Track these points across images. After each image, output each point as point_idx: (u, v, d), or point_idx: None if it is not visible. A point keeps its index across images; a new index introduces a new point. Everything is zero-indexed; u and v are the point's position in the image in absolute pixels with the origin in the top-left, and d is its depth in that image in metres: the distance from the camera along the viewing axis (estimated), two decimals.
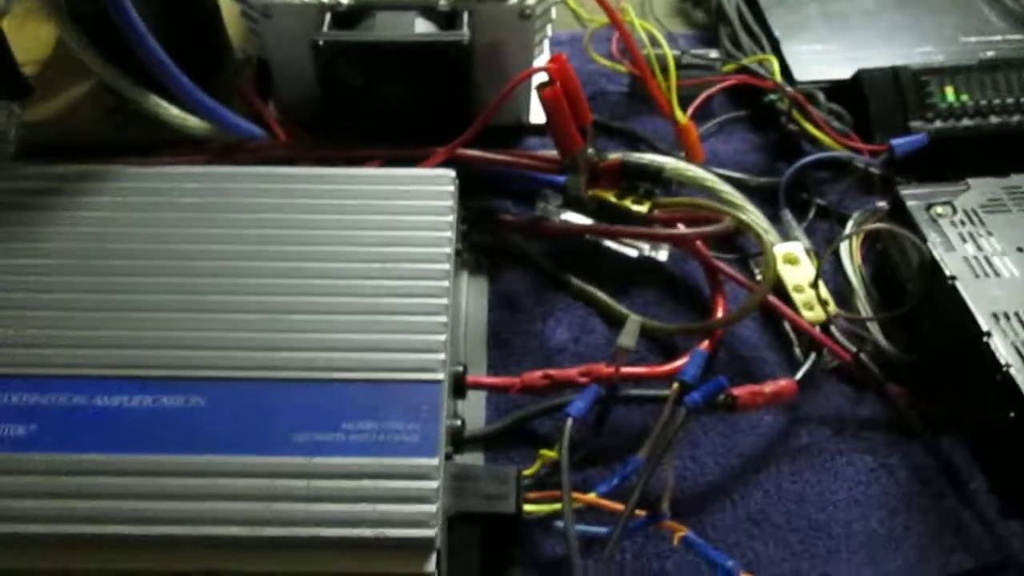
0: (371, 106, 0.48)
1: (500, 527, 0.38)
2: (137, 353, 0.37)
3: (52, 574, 0.33)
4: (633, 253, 0.48)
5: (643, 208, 0.46)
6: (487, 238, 0.48)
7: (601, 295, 0.47)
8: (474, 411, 0.44)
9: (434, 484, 0.34)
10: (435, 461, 0.34)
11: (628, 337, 0.39)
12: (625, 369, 0.41)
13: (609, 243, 0.49)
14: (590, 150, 0.45)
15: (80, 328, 0.37)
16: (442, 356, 0.37)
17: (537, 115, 0.53)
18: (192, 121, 0.47)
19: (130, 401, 0.36)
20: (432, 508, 0.34)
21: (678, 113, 0.48)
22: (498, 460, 0.42)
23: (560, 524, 0.38)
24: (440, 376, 0.37)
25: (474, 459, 0.42)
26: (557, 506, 0.38)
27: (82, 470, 0.34)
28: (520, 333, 0.45)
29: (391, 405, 0.36)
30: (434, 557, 0.33)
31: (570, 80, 0.43)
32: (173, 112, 0.47)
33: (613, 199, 0.46)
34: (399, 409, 0.36)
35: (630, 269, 0.48)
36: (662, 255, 0.48)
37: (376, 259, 0.40)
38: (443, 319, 0.38)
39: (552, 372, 0.42)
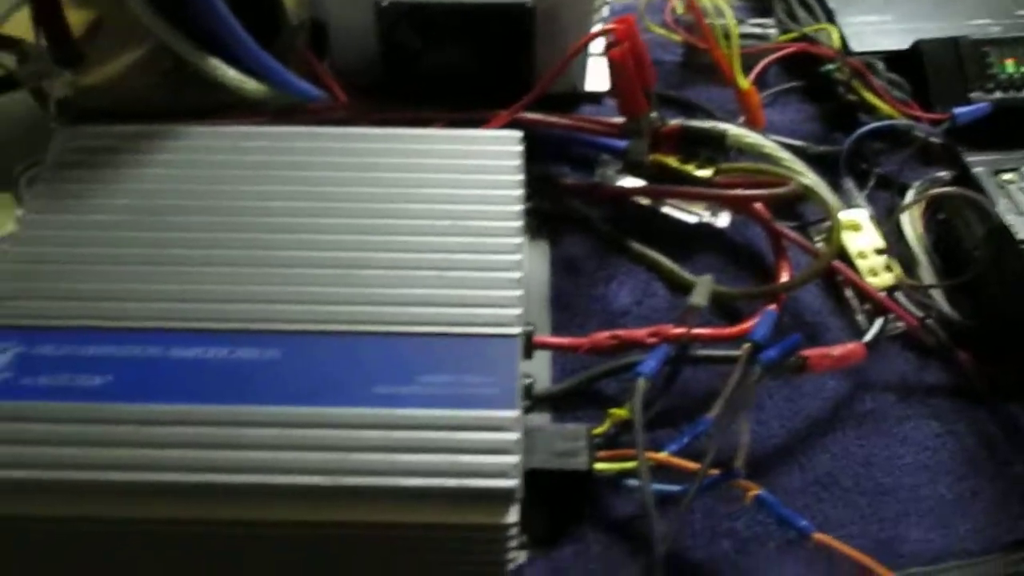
0: (430, 69, 0.48)
1: (571, 484, 0.38)
2: (212, 307, 0.36)
3: (128, 523, 0.33)
4: (692, 219, 0.48)
5: (707, 173, 0.45)
6: (546, 203, 0.48)
7: (663, 259, 0.46)
8: (539, 372, 0.44)
9: (514, 436, 0.34)
10: (514, 413, 0.34)
11: (700, 296, 0.39)
12: (694, 330, 0.41)
13: (668, 209, 0.48)
14: (653, 114, 0.45)
15: (154, 282, 0.37)
16: (518, 311, 0.37)
17: (592, 83, 0.53)
18: (250, 84, 0.47)
19: (205, 353, 0.35)
20: (513, 459, 0.33)
21: (740, 78, 0.47)
22: (564, 420, 0.42)
23: (631, 482, 0.38)
24: (515, 331, 0.36)
25: (541, 419, 0.42)
26: (628, 464, 0.38)
27: (157, 420, 0.34)
28: (582, 296, 0.45)
29: (467, 359, 0.36)
30: (515, 508, 0.33)
31: (636, 42, 0.43)
32: (231, 75, 0.47)
33: (675, 164, 0.46)
34: (476, 363, 0.35)
35: (689, 235, 0.48)
36: (722, 221, 0.48)
37: (448, 216, 0.39)
38: (517, 275, 0.38)
39: (620, 333, 0.41)
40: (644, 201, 0.49)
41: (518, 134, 0.43)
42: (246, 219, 0.39)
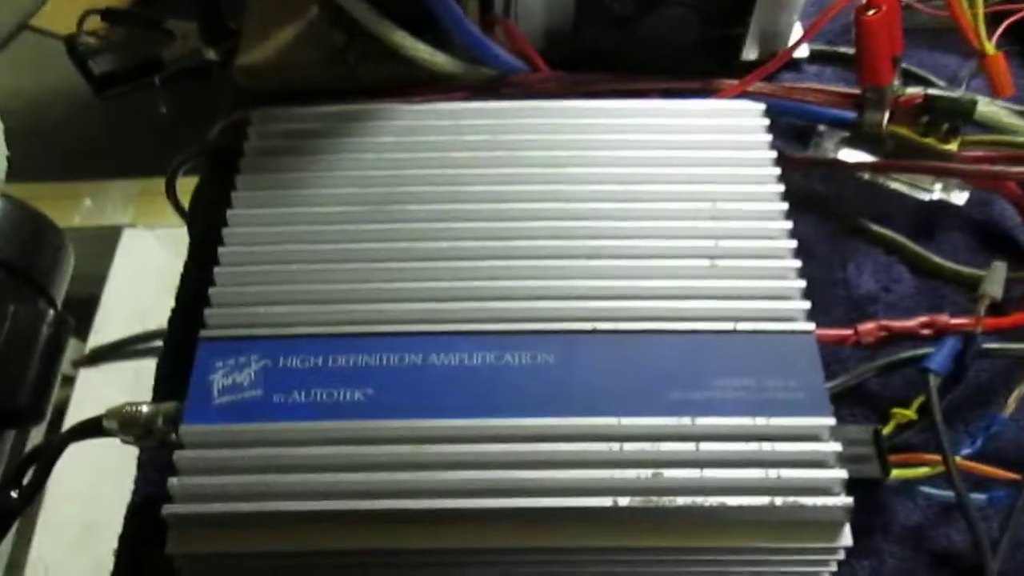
0: (631, 36, 0.44)
1: (861, 493, 0.34)
2: (473, 305, 0.32)
3: (407, 554, 0.30)
4: (926, 196, 0.44)
5: (951, 146, 0.41)
6: None
7: (904, 240, 0.42)
8: None
9: (833, 447, 0.30)
10: (829, 421, 0.30)
11: (994, 284, 0.35)
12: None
13: (898, 186, 0.44)
14: (895, 82, 0.41)
15: (402, 280, 0.33)
16: (805, 304, 0.33)
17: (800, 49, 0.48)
18: (440, 57, 0.43)
19: (470, 359, 0.32)
20: (837, 474, 0.30)
21: (986, 42, 0.43)
22: None
23: (929, 490, 0.34)
24: (809, 327, 0.33)
25: None
26: (922, 470, 0.34)
27: (427, 437, 0.30)
28: (821, 282, 0.41)
29: (763, 359, 0.32)
30: (848, 529, 0.30)
31: (893, 6, 0.39)
32: (421, 48, 0.43)
33: (916, 136, 0.42)
34: (773, 363, 0.32)
35: (925, 213, 0.44)
36: (959, 198, 0.44)
37: (703, 198, 0.35)
38: (794, 263, 0.34)
39: (890, 323, 0.37)
40: (867, 177, 0.44)
41: (760, 105, 0.39)
42: (487, 207, 0.35)
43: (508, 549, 0.29)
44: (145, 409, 0.32)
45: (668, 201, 0.35)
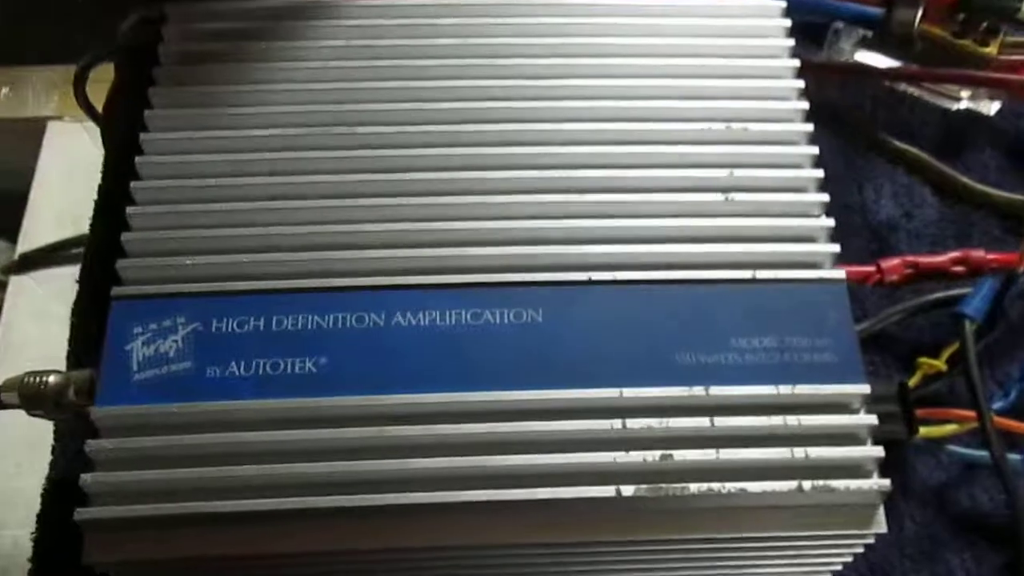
0: None
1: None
2: (444, 252, 0.27)
3: (362, 556, 0.25)
4: (953, 105, 0.39)
5: (990, 50, 0.36)
6: None
7: (928, 158, 0.37)
8: None
9: (868, 420, 0.26)
10: (863, 388, 0.26)
11: None
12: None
13: (919, 93, 0.39)
14: None
15: (358, 222, 0.27)
16: (834, 247, 0.28)
17: None
18: None
19: (443, 319, 0.26)
20: (874, 452, 0.25)
21: None
22: None
23: (958, 450, 0.31)
24: (839, 274, 0.28)
25: None
26: (949, 428, 0.31)
27: (391, 416, 0.25)
28: (835, 207, 0.36)
29: (786, 314, 0.27)
30: (882, 513, 0.26)
31: None
32: None
33: (948, 36, 0.37)
34: (798, 319, 0.27)
35: (950, 126, 0.39)
36: (989, 107, 0.39)
37: (716, 117, 0.30)
38: (822, 197, 0.29)
39: (917, 259, 0.33)
40: (886, 83, 0.39)
41: (780, 3, 0.33)
42: (461, 128, 0.29)
43: (492, 546, 0.25)
44: (52, 380, 0.27)
45: (675, 121, 0.29)
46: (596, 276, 0.27)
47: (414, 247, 0.27)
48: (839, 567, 0.28)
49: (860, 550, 0.27)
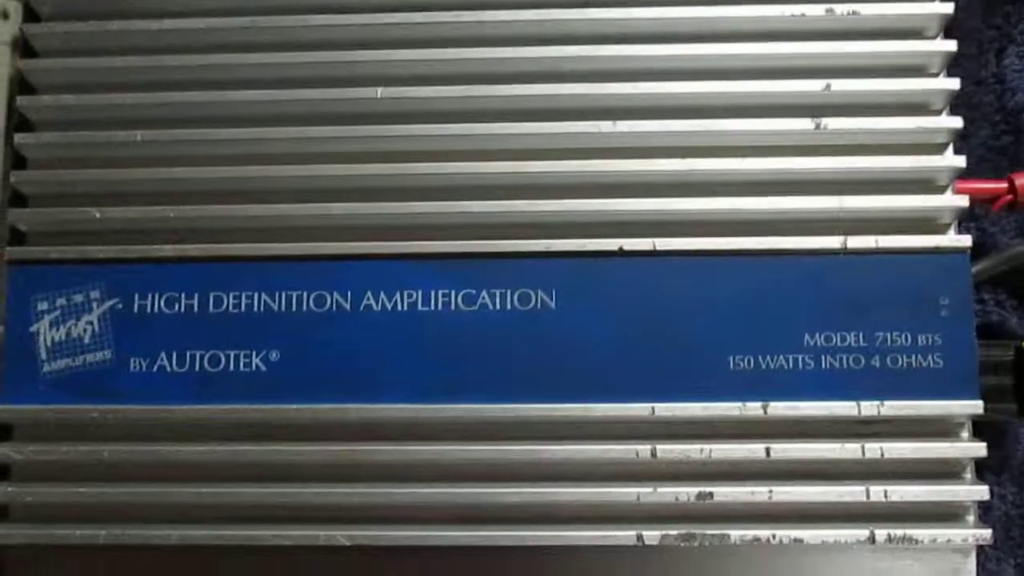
0: None
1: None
2: (428, 207, 0.20)
3: None
4: None
5: None
6: None
7: None
8: None
9: (977, 448, 0.20)
10: (974, 405, 0.20)
11: None
12: None
13: None
14: None
15: (319, 173, 0.21)
16: (961, 201, 0.21)
17: None
18: None
19: (426, 302, 0.20)
20: (975, 490, 0.20)
21: None
22: None
23: None
24: (963, 240, 0.21)
25: None
26: None
27: (360, 431, 0.20)
28: (962, 80, 0.27)
29: (882, 299, 0.20)
30: (973, 561, 0.20)
31: None
32: None
33: None
34: (895, 298, 0.20)
35: None
36: None
37: None
38: (953, 122, 0.21)
39: None
40: None
41: None
42: (446, 32, 0.21)
43: None
44: None
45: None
46: (629, 245, 0.20)
47: (389, 200, 0.20)
48: None
49: None
